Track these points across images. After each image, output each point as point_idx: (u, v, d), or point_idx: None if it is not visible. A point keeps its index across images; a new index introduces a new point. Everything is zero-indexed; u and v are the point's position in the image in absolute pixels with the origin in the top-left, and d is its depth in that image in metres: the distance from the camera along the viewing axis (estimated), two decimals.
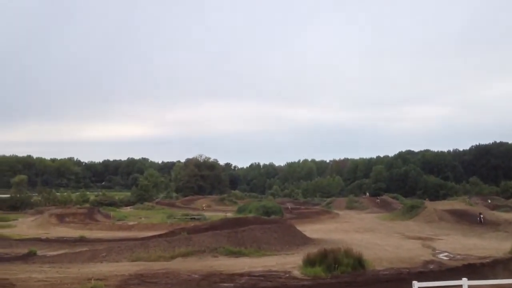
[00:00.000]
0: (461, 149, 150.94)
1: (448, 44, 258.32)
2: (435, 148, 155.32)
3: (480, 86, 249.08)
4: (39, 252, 29.69)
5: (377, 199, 76.10)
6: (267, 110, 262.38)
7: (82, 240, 37.67)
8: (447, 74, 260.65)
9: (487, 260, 24.93)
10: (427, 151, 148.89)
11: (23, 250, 30.44)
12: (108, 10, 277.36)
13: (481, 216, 47.13)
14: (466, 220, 48.70)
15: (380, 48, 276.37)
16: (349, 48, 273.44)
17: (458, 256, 27.79)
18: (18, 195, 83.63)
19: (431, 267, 24.08)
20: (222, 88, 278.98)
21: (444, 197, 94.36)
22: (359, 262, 22.64)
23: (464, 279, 14.04)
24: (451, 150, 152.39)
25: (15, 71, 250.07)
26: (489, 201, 79.19)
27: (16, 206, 78.02)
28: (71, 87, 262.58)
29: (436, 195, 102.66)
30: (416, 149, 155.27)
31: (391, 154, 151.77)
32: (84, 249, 30.66)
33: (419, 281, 13.93)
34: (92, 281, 18.58)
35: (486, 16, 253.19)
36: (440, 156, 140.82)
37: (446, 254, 28.86)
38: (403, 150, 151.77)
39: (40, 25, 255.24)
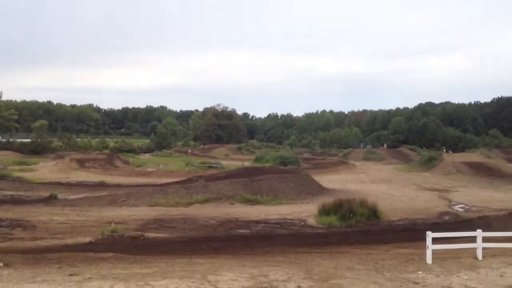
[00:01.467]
0: (482, 101, 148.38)
1: None
2: (456, 100, 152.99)
3: (504, 38, 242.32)
4: (60, 196, 30.34)
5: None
6: (286, 59, 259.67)
7: (102, 185, 38.33)
8: (470, 25, 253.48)
9: (503, 213, 24.97)
10: (447, 103, 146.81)
11: (45, 193, 31.13)
12: None
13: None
14: (484, 172, 48.45)
15: None
16: None
17: (474, 208, 27.82)
18: (39, 140, 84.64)
19: (446, 218, 24.21)
20: (241, 36, 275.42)
21: (462, 149, 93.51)
22: (373, 212, 22.87)
23: (479, 230, 14.09)
24: (472, 103, 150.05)
25: (37, 16, 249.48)
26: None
27: (37, 151, 79.18)
28: (92, 33, 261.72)
29: (455, 147, 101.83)
30: (436, 101, 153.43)
31: (411, 106, 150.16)
32: (104, 193, 31.27)
33: (433, 231, 14.03)
34: (112, 225, 19.05)
35: None
36: (460, 108, 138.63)
37: (461, 206, 28.90)
38: (423, 102, 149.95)
39: None
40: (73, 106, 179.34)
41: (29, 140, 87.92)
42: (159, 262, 13.33)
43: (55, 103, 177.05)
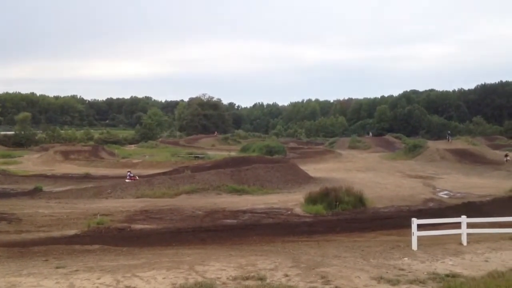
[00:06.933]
0: (466, 88, 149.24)
1: None
2: (440, 88, 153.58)
3: (487, 25, 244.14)
4: (45, 188, 30.14)
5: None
6: (272, 48, 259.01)
7: (87, 177, 38.10)
8: (454, 12, 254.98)
9: (487, 199, 25.26)
10: (432, 90, 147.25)
11: (29, 186, 30.88)
12: None
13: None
14: (468, 159, 48.94)
15: None
16: None
17: (458, 195, 28.16)
18: (22, 132, 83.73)
19: (431, 205, 24.46)
20: (226, 25, 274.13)
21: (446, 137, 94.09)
22: (359, 200, 23.02)
23: (463, 216, 14.25)
24: (456, 90, 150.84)
25: (18, 7, 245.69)
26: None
27: (21, 143, 78.35)
28: (74, 23, 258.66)
29: (439, 135, 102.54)
30: (421, 88, 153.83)
31: (396, 94, 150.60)
32: (90, 185, 31.08)
33: (418, 218, 14.16)
34: (98, 217, 18.95)
35: None
36: (444, 95, 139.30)
37: (446, 192, 29.23)
38: (408, 90, 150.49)
39: None
40: (56, 98, 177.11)
41: (12, 132, 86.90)
42: (146, 254, 13.30)
43: (38, 94, 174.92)
